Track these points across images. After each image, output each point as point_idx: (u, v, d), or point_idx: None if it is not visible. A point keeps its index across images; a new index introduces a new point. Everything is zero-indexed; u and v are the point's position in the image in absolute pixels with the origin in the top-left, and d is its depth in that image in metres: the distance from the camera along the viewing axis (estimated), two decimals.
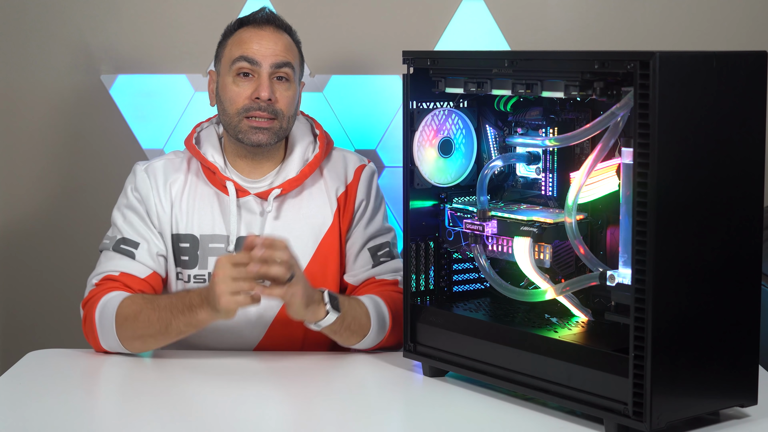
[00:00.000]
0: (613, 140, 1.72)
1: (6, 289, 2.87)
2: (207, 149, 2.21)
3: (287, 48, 2.18)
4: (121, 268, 2.13)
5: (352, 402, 1.90)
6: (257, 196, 2.17)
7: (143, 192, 2.18)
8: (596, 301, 1.88)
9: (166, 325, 2.01)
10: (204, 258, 2.17)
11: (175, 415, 1.83)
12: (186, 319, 1.99)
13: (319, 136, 2.25)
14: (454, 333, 1.93)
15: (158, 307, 2.02)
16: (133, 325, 2.04)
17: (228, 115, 2.16)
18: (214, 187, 2.19)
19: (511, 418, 1.78)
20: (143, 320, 2.03)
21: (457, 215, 2.00)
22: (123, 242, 2.16)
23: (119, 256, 2.15)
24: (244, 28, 2.19)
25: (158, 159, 2.23)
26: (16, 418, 1.81)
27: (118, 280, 2.13)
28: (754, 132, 1.70)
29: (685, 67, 1.61)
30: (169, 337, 2.03)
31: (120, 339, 2.06)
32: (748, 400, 1.73)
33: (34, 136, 2.82)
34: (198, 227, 2.18)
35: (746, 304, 1.71)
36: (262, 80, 2.13)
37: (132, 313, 2.04)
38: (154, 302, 2.04)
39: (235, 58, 2.14)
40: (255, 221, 2.17)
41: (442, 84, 1.95)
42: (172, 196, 2.19)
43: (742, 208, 1.69)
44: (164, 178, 2.19)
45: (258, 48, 2.14)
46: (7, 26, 2.79)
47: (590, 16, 2.76)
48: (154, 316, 2.02)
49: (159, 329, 2.02)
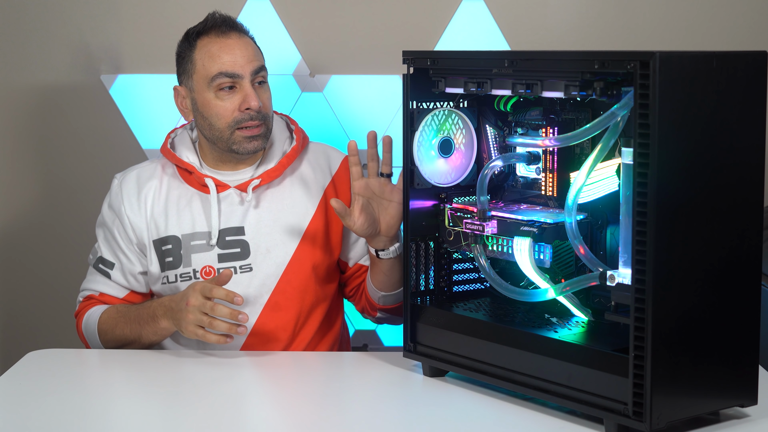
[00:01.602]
0: (613, 140, 1.72)
1: (6, 289, 2.87)
2: (182, 152, 2.24)
3: (256, 50, 2.20)
4: (100, 288, 2.26)
5: (352, 402, 1.90)
6: (237, 188, 2.20)
7: (115, 207, 2.25)
8: (596, 301, 1.88)
9: (138, 335, 2.16)
10: (188, 256, 2.19)
11: (175, 414, 1.83)
12: (152, 329, 2.14)
13: (296, 131, 2.29)
14: (454, 333, 1.93)
15: (129, 320, 2.17)
16: (112, 336, 2.19)
17: (217, 129, 2.17)
18: (191, 187, 2.22)
19: (511, 418, 1.78)
20: (119, 333, 2.18)
21: (457, 215, 2.00)
22: (101, 261, 2.26)
23: (98, 274, 2.27)
24: (207, 39, 2.17)
25: (132, 168, 2.28)
26: (16, 418, 1.81)
27: (99, 301, 2.26)
28: (754, 132, 1.70)
29: (685, 67, 1.61)
30: (144, 345, 2.18)
31: (105, 346, 2.21)
32: (748, 400, 1.73)
33: (35, 136, 2.82)
34: (178, 228, 2.20)
35: (746, 304, 1.71)
36: (248, 91, 2.14)
37: (109, 327, 2.19)
38: (126, 315, 2.18)
39: (213, 75, 2.14)
40: (236, 212, 2.20)
41: (442, 84, 1.95)
42: (148, 202, 2.22)
43: (742, 208, 1.69)
44: (137, 188, 2.23)
45: (233, 59, 2.14)
46: (7, 26, 2.79)
47: (590, 16, 2.76)
48: (127, 329, 2.17)
49: (133, 339, 2.17)
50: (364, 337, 2.83)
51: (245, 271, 2.18)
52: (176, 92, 2.23)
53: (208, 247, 2.18)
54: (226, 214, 2.20)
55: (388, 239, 2.12)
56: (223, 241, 2.18)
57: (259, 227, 2.20)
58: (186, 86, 2.20)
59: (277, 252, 2.19)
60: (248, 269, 2.19)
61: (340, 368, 2.08)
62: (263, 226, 2.20)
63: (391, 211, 2.09)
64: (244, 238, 2.19)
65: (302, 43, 2.76)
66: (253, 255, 2.19)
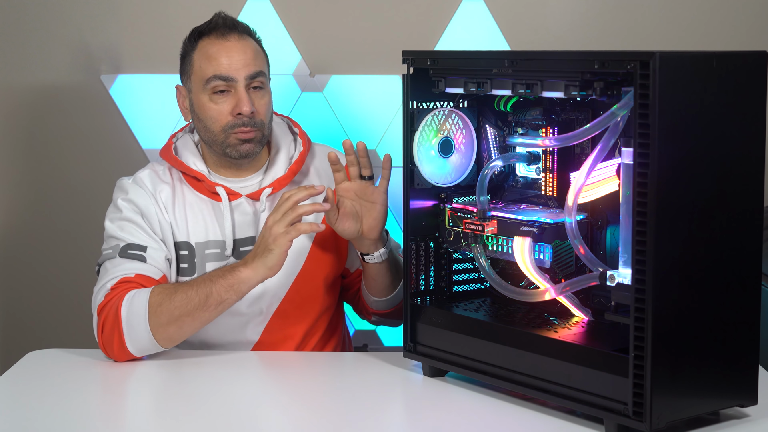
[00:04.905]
0: (613, 140, 1.72)
1: (6, 289, 2.88)
2: (188, 158, 2.19)
3: (256, 54, 2.15)
4: (135, 270, 2.07)
5: (352, 402, 1.89)
6: (248, 197, 2.17)
7: (140, 202, 2.14)
8: (596, 301, 1.88)
9: (206, 295, 2.00)
10: (202, 265, 2.15)
11: (176, 414, 1.83)
12: (227, 282, 2.00)
13: (300, 134, 2.26)
14: (454, 333, 1.93)
15: (195, 282, 2.03)
16: (169, 306, 2.00)
17: (212, 132, 2.14)
18: (201, 194, 2.17)
19: (511, 418, 1.78)
20: (180, 298, 2.00)
21: (457, 215, 2.00)
22: (129, 248, 2.10)
23: (128, 261, 2.09)
24: (207, 40, 2.14)
25: (141, 171, 2.21)
26: (16, 418, 1.81)
27: (136, 282, 2.06)
28: (754, 132, 1.70)
29: (685, 67, 1.61)
30: (208, 310, 2.01)
31: (152, 329, 2.00)
32: (748, 400, 1.73)
33: (35, 136, 2.82)
34: (192, 235, 2.16)
35: (746, 304, 1.71)
36: (241, 95, 2.11)
37: (166, 296, 2.01)
38: (190, 282, 2.04)
39: (208, 78, 2.11)
40: (248, 222, 2.17)
41: (442, 84, 1.95)
42: (163, 204, 2.16)
43: (742, 208, 1.69)
44: (153, 187, 2.17)
45: (229, 62, 2.11)
46: (7, 26, 2.79)
47: (590, 16, 2.76)
48: (192, 291, 2.01)
49: (198, 303, 2.00)
50: (364, 337, 2.83)
51: None
52: (178, 91, 2.22)
53: (222, 257, 2.15)
54: (239, 224, 2.16)
55: (371, 242, 2.11)
56: (237, 251, 2.15)
57: None
58: (186, 87, 2.19)
59: (288, 261, 2.13)
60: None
61: (340, 368, 2.08)
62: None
63: (374, 213, 2.09)
64: None
65: (302, 43, 2.76)
66: None
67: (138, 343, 2.02)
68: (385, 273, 2.15)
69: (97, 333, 2.04)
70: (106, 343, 2.03)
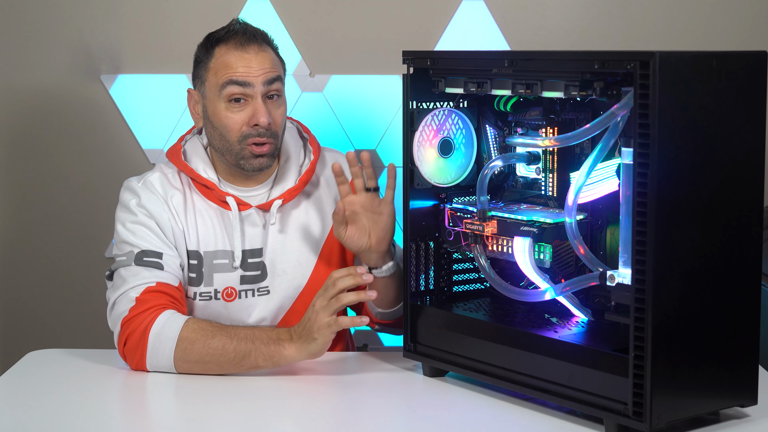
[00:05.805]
0: (613, 140, 1.72)
1: (6, 289, 2.87)
2: (197, 164, 2.15)
3: (274, 63, 2.12)
4: (155, 278, 2.04)
5: (352, 402, 1.89)
6: (258, 207, 2.14)
7: (153, 209, 2.10)
8: (596, 301, 1.88)
9: (243, 356, 1.97)
10: (209, 275, 2.12)
11: (176, 413, 1.83)
12: (269, 352, 1.97)
13: (310, 141, 2.22)
14: (454, 333, 1.93)
15: (236, 337, 1.97)
16: (202, 350, 1.97)
17: (228, 142, 2.09)
18: (210, 201, 2.14)
19: (511, 418, 1.78)
20: (216, 346, 1.97)
21: (457, 215, 2.00)
22: (144, 255, 2.06)
23: (145, 269, 2.05)
24: (225, 48, 2.09)
25: (150, 173, 2.16)
26: (16, 418, 1.81)
27: (161, 291, 2.03)
28: (754, 132, 1.70)
29: (685, 67, 1.61)
30: (239, 368, 1.98)
31: (176, 362, 1.98)
32: (748, 400, 1.73)
33: (35, 136, 2.82)
34: (202, 243, 2.12)
35: (746, 304, 1.71)
36: (258, 105, 2.07)
37: (201, 336, 1.97)
38: (230, 331, 1.99)
39: (224, 82, 2.07)
40: (257, 234, 2.14)
41: (442, 84, 1.95)
42: (174, 210, 2.12)
43: (742, 208, 1.69)
44: (164, 192, 2.12)
45: (246, 71, 2.07)
46: (7, 26, 2.79)
47: (590, 16, 2.76)
48: (231, 346, 1.96)
49: (232, 359, 1.97)
50: (364, 337, 2.83)
51: (263, 294, 2.14)
52: (189, 95, 2.17)
53: (231, 268, 2.12)
54: (248, 235, 2.14)
55: (379, 255, 2.07)
56: (245, 262, 2.13)
57: (278, 249, 2.14)
58: (199, 91, 2.14)
59: (294, 274, 2.14)
60: (266, 292, 2.14)
61: (340, 368, 2.08)
62: (281, 247, 2.14)
63: (381, 224, 2.06)
64: (263, 260, 2.14)
65: (302, 43, 2.76)
66: (271, 277, 2.14)
67: (156, 366, 2.00)
68: (393, 287, 2.12)
69: (117, 342, 2.02)
70: (127, 353, 2.01)
